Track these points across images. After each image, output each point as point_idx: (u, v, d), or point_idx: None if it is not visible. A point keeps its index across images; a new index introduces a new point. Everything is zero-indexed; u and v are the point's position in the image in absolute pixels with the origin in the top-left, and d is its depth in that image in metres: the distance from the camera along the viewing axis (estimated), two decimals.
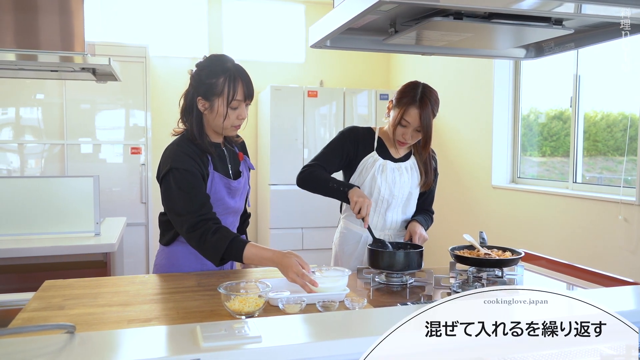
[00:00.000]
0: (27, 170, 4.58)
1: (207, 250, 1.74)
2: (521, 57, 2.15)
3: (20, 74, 3.15)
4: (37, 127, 4.56)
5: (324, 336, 1.18)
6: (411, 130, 2.13)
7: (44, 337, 1.14)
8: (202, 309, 1.51)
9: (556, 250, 3.59)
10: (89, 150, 4.72)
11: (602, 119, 3.55)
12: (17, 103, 4.52)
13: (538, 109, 4.16)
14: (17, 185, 2.95)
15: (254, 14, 5.60)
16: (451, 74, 4.75)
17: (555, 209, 3.61)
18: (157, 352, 1.09)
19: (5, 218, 2.85)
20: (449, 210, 4.83)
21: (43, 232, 2.86)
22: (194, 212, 1.75)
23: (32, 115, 4.59)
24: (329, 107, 5.18)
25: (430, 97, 2.11)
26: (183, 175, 1.77)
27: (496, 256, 1.97)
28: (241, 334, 1.15)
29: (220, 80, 1.78)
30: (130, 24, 5.23)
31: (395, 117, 2.13)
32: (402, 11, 1.65)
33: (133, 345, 1.12)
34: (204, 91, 1.80)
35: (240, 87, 1.80)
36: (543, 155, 4.09)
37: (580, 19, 1.64)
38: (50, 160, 4.59)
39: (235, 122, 1.84)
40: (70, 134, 4.59)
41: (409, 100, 2.10)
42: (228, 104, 1.79)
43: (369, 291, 1.81)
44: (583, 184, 3.58)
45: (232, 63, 1.83)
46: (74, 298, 1.61)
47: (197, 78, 1.82)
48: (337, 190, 2.09)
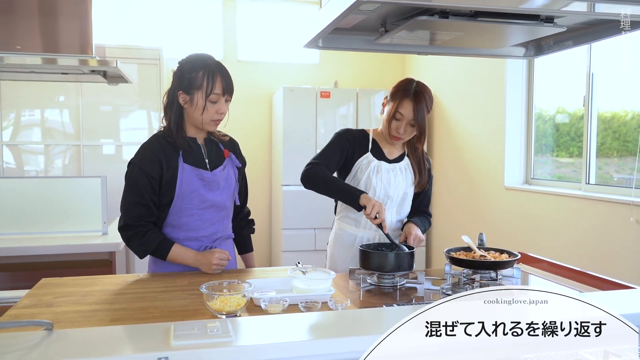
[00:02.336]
0: (52, 171, 4.70)
1: (134, 249, 1.92)
2: (520, 55, 2.12)
3: (30, 77, 3.22)
4: (59, 128, 4.67)
5: (297, 336, 1.18)
6: (405, 124, 2.13)
7: (22, 334, 1.17)
8: (187, 308, 1.53)
9: (567, 252, 3.51)
10: (111, 152, 4.80)
11: (612, 117, 3.46)
12: (42, 105, 4.64)
13: (551, 108, 4.09)
14: (28, 185, 3.03)
15: (268, 16, 5.63)
16: (463, 73, 4.69)
17: (568, 210, 3.54)
18: (127, 349, 1.11)
19: (16, 217, 2.92)
20: (461, 211, 4.78)
21: (53, 231, 2.93)
22: (127, 211, 1.89)
23: (55, 117, 4.70)
24: (342, 108, 5.17)
25: (424, 93, 2.12)
26: (135, 172, 1.88)
27: (492, 258, 1.94)
28: (213, 334, 1.16)
29: (199, 74, 1.85)
30: (146, 27, 5.31)
31: (390, 111, 2.14)
32: (391, 11, 1.65)
33: (106, 343, 1.14)
34: (185, 85, 1.87)
35: (219, 81, 1.86)
36: (558, 155, 4.02)
37: (572, 17, 1.61)
38: (73, 160, 4.70)
39: (214, 116, 1.89)
40: (91, 136, 4.68)
41: (403, 94, 2.11)
42: (207, 97, 1.85)
43: (360, 292, 1.80)
44: (596, 185, 3.50)
45: (213, 60, 1.90)
46: (65, 296, 1.64)
47: (179, 74, 1.89)
48: (348, 192, 2.05)
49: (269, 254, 5.75)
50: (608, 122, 3.53)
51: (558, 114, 4.02)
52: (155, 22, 5.34)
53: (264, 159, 5.66)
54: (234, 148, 2.13)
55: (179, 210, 1.92)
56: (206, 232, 1.99)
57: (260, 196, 5.67)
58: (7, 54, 2.70)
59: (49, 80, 3.47)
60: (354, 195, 2.02)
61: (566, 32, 1.85)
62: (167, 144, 1.91)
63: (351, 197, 2.03)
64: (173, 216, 1.93)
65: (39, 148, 4.69)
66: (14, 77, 3.65)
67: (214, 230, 2.01)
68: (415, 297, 1.76)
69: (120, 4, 5.20)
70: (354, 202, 2.02)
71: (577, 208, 3.46)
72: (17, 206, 2.94)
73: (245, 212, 2.23)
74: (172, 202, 1.91)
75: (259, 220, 5.66)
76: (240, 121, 5.52)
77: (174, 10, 5.39)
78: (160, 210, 1.93)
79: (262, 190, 5.69)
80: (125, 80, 3.39)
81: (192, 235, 1.96)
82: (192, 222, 1.95)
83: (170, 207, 1.91)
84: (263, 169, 5.67)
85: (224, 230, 2.07)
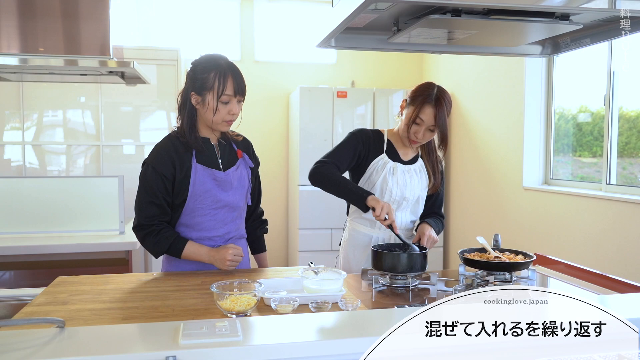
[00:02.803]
0: (74, 171, 4.77)
1: (149, 248, 1.94)
2: (537, 53, 2.09)
3: (50, 78, 3.27)
4: (80, 129, 4.75)
5: (304, 337, 1.18)
6: (424, 129, 2.12)
7: (34, 331, 1.19)
8: (198, 307, 1.53)
9: (587, 254, 3.45)
10: (131, 152, 4.86)
11: (638, 116, 3.39)
12: (64, 106, 4.71)
13: (574, 107, 4.01)
14: (48, 185, 3.08)
15: (286, 16, 5.64)
16: (482, 72, 4.64)
17: (588, 211, 3.48)
18: (136, 347, 1.12)
19: (35, 216, 2.97)
20: (479, 211, 4.73)
21: (71, 230, 2.98)
22: (141, 211, 1.91)
23: (77, 118, 4.77)
24: (359, 108, 5.16)
25: (444, 98, 2.12)
26: (149, 172, 1.90)
27: (507, 259, 1.91)
28: (221, 333, 1.16)
29: (211, 75, 1.85)
30: (164, 28, 5.37)
31: (410, 115, 2.12)
32: (404, 9, 1.63)
33: (116, 341, 1.15)
34: (197, 86, 1.88)
35: (230, 82, 1.86)
36: (580, 155, 3.94)
37: (588, 14, 1.58)
38: (94, 160, 4.76)
39: (226, 117, 1.89)
40: (112, 136, 4.74)
41: (424, 99, 2.09)
42: (218, 98, 1.85)
43: (372, 293, 1.79)
44: (617, 185, 3.42)
45: (225, 60, 1.90)
46: (79, 294, 1.66)
47: (191, 75, 1.90)
48: (355, 193, 2.03)
49: (286, 253, 5.76)
50: (633, 121, 3.45)
51: (580, 113, 3.94)
52: (173, 23, 5.39)
53: (280, 159, 5.67)
54: (247, 148, 2.13)
55: (192, 210, 1.93)
56: (219, 232, 2.00)
57: (277, 196, 5.69)
58: (30, 55, 2.75)
59: (68, 81, 3.53)
60: (361, 196, 2.01)
61: (583, 29, 1.82)
62: (181, 144, 1.93)
63: (358, 198, 2.02)
64: (186, 216, 1.95)
65: (61, 148, 4.76)
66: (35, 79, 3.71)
67: (227, 230, 2.02)
68: (428, 299, 1.74)
69: (139, 6, 5.26)
70: (360, 203, 2.01)
71: (597, 209, 3.40)
72: (37, 205, 3.00)
73: (258, 212, 2.23)
74: (185, 202, 1.92)
75: (276, 220, 5.69)
76: (258, 121, 5.54)
77: (191, 11, 5.43)
78: (174, 210, 1.95)
79: (279, 190, 5.70)
80: (143, 81, 3.43)
81: (205, 235, 1.97)
82: (205, 222, 1.96)
83: (184, 207, 1.93)
84: (280, 169, 5.68)
85: (237, 230, 2.08)
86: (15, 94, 4.58)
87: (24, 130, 4.63)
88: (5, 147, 4.63)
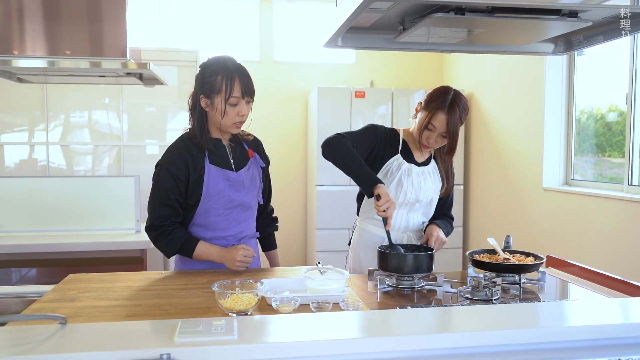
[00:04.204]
0: (99, 170, 4.87)
1: (161, 249, 1.96)
2: (549, 52, 2.05)
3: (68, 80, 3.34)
4: (104, 130, 4.84)
5: (299, 336, 1.18)
6: (436, 135, 2.09)
7: (36, 327, 1.21)
8: (201, 305, 1.55)
9: (608, 256, 3.37)
10: (155, 152, 4.93)
11: None
12: (88, 107, 4.82)
13: (603, 106, 3.89)
14: (66, 185, 3.15)
15: (305, 16, 5.65)
16: (502, 70, 4.57)
17: (608, 213, 3.39)
18: (132, 344, 1.13)
19: (55, 215, 3.04)
20: (498, 212, 4.66)
21: (90, 229, 3.04)
22: (153, 212, 1.93)
23: (100, 119, 4.87)
24: (378, 108, 5.13)
25: (459, 104, 2.06)
26: (163, 174, 1.91)
27: (516, 261, 1.88)
28: (217, 332, 1.17)
29: (218, 78, 1.86)
30: (185, 30, 5.43)
31: (422, 121, 2.10)
32: (409, 8, 1.62)
33: (114, 337, 1.16)
34: (206, 90, 1.89)
35: (237, 84, 1.86)
36: (610, 155, 3.83)
37: (597, 11, 1.54)
38: (118, 160, 4.85)
39: (235, 118, 1.90)
40: (136, 136, 4.82)
41: (437, 105, 2.06)
42: (226, 101, 1.86)
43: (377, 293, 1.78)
44: (639, 186, 3.33)
45: (233, 62, 1.90)
46: (88, 291, 1.69)
47: (200, 78, 1.91)
48: (366, 175, 1.97)
49: (304, 253, 5.77)
50: None
51: (610, 112, 3.84)
52: (193, 25, 5.45)
53: (300, 159, 5.68)
54: (257, 147, 2.15)
55: (206, 210, 1.95)
56: (232, 232, 2.02)
57: (296, 196, 5.70)
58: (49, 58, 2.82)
59: (87, 82, 3.59)
60: (372, 181, 1.95)
61: (596, 26, 1.78)
62: (193, 146, 1.95)
63: (368, 181, 1.96)
64: (200, 216, 1.97)
65: (86, 148, 4.87)
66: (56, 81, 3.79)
67: (240, 229, 2.04)
68: (435, 300, 1.72)
69: (160, 8, 5.34)
70: (368, 187, 1.96)
71: (619, 210, 3.31)
72: (56, 204, 3.07)
73: (269, 210, 2.25)
74: (199, 202, 1.94)
75: (295, 220, 5.71)
76: (277, 122, 5.56)
77: (211, 12, 5.48)
78: (187, 211, 1.97)
79: (298, 191, 5.72)
80: (160, 82, 3.47)
81: (219, 235, 1.99)
82: (219, 222, 1.98)
83: (198, 207, 1.95)
84: (299, 170, 5.69)
85: (249, 229, 2.09)
86: (39, 96, 4.70)
87: (47, 131, 4.74)
88: (34, 147, 4.76)
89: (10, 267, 2.84)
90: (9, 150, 4.79)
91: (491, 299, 1.64)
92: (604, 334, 1.17)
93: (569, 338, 1.15)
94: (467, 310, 1.37)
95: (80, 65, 2.84)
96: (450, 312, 1.32)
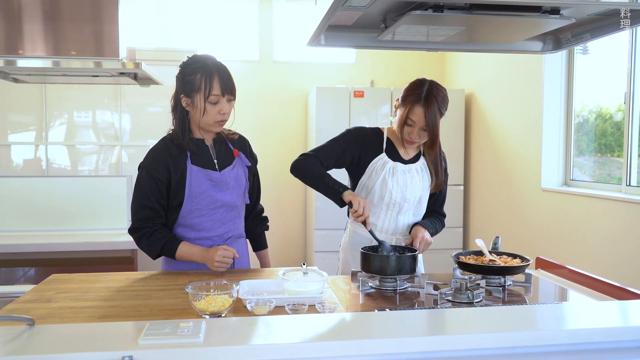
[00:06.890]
0: (104, 170, 4.87)
1: (144, 250, 1.96)
2: (538, 50, 2.01)
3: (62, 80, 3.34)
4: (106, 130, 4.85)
5: (267, 339, 1.16)
6: (417, 130, 2.05)
7: (3, 328, 1.19)
8: (176, 307, 1.53)
9: (606, 257, 3.32)
10: None
11: None
12: (92, 107, 4.82)
13: (612, 106, 3.82)
14: (62, 185, 3.14)
15: (305, 16, 5.63)
16: (501, 70, 4.53)
17: (606, 214, 3.34)
18: (95, 346, 1.12)
19: (48, 215, 3.04)
20: (496, 212, 4.61)
21: (84, 229, 3.04)
22: (134, 214, 1.93)
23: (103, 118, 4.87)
24: (377, 108, 5.10)
25: (436, 96, 2.00)
26: (144, 176, 1.91)
27: (502, 263, 1.85)
28: (182, 334, 1.15)
29: (197, 76, 1.84)
30: (184, 29, 5.43)
31: (401, 117, 2.06)
32: (390, 6, 1.60)
33: (78, 339, 1.15)
34: (186, 89, 1.88)
35: (217, 82, 1.84)
36: (619, 155, 3.76)
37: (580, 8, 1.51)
38: (119, 160, 4.86)
39: (217, 117, 1.88)
40: (138, 136, 4.81)
41: (414, 99, 2.02)
42: (206, 99, 1.84)
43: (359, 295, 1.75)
44: (637, 187, 3.28)
45: (212, 60, 1.88)
46: (67, 292, 1.68)
47: (180, 77, 1.90)
48: (332, 187, 2.00)
49: (304, 254, 5.75)
50: None
51: (619, 112, 3.77)
52: (193, 25, 5.44)
53: None
54: (244, 146, 2.12)
55: (190, 211, 1.94)
56: (218, 232, 2.00)
57: (295, 197, 5.68)
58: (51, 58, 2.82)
59: (82, 83, 3.60)
60: (337, 190, 1.97)
61: (582, 24, 1.75)
62: (175, 147, 1.93)
63: (334, 192, 1.99)
64: (185, 217, 1.95)
65: (87, 148, 4.87)
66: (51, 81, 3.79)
67: (225, 229, 2.02)
68: (418, 302, 1.70)
69: (159, 8, 5.34)
70: (336, 198, 1.98)
71: (616, 211, 3.26)
72: (50, 204, 3.07)
73: (258, 210, 2.23)
74: (183, 203, 1.93)
75: (294, 220, 5.69)
76: (277, 121, 5.54)
77: (211, 12, 5.48)
78: (172, 212, 1.96)
79: (297, 191, 5.69)
80: (155, 82, 3.47)
81: (204, 235, 1.98)
82: (203, 223, 1.97)
83: (182, 208, 1.93)
84: None
85: (235, 230, 2.07)
86: (39, 96, 4.72)
87: (47, 131, 4.75)
88: (35, 147, 4.78)
89: (0, 267, 2.84)
90: (16, 150, 4.82)
91: (472, 302, 1.61)
92: (605, 336, 1.14)
93: (542, 342, 1.12)
94: (439, 313, 1.35)
95: (73, 65, 2.84)
96: (422, 315, 1.30)
